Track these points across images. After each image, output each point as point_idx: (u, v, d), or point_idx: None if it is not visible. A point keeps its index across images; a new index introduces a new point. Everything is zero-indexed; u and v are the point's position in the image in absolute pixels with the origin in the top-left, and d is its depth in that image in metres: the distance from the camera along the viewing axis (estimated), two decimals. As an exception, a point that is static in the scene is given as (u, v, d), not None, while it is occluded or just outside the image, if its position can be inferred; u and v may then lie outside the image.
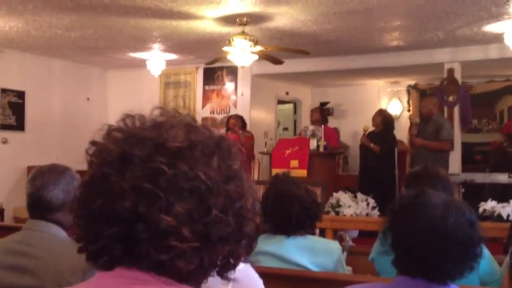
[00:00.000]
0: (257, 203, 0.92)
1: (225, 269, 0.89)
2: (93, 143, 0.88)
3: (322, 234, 5.01)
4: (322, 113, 7.87)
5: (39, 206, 1.87)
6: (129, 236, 0.80)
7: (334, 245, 2.45)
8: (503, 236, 2.80)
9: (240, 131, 7.46)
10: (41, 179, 1.89)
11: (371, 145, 7.08)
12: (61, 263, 1.73)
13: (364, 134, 7.30)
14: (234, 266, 0.90)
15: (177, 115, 0.91)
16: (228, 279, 0.91)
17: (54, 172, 1.91)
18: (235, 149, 0.91)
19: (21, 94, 8.06)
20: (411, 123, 8.03)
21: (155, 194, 0.79)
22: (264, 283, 1.49)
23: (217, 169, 0.85)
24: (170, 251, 0.80)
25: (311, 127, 7.38)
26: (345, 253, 3.02)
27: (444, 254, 1.37)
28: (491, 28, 6.16)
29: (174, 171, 0.81)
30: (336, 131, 8.94)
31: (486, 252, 2.09)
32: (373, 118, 7.32)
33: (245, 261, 1.46)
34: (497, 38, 6.41)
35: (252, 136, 7.63)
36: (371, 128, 7.39)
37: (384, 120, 7.22)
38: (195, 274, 0.84)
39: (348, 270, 2.76)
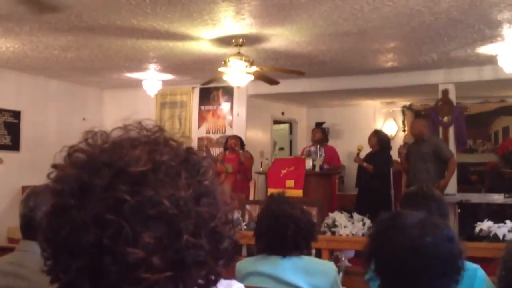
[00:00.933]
0: (235, 215, 0.88)
1: (205, 287, 0.84)
2: (54, 166, 0.83)
3: (318, 254, 4.99)
4: (324, 132, 7.91)
5: (32, 227, 1.86)
6: (97, 269, 0.75)
7: (330, 266, 2.44)
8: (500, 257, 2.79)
9: (241, 151, 7.48)
10: (34, 199, 1.88)
11: (364, 164, 7.15)
12: (53, 284, 1.71)
13: (357, 154, 7.36)
14: (215, 283, 0.86)
15: (142, 130, 0.85)
16: None
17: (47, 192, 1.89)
18: (206, 163, 0.86)
19: (16, 114, 8.06)
20: (404, 142, 8.08)
21: (119, 225, 0.74)
22: (259, 304, 1.47)
23: (186, 188, 0.79)
24: (141, 283, 0.75)
25: (313, 148, 7.36)
26: (341, 273, 3.01)
27: (427, 273, 1.38)
28: (485, 50, 6.22)
29: (138, 198, 0.75)
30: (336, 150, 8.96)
31: (480, 273, 2.08)
32: (369, 139, 7.35)
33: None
34: (491, 60, 6.47)
35: (252, 156, 7.63)
36: (366, 148, 7.42)
37: (380, 141, 7.25)
38: None
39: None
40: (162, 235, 0.76)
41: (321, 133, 7.74)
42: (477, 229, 4.47)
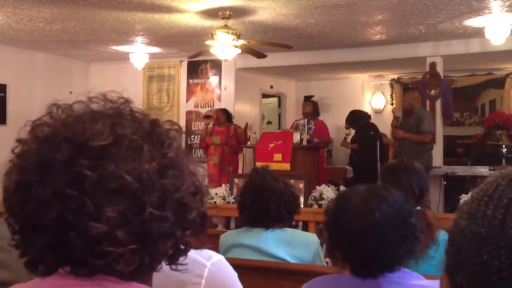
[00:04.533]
0: (203, 187, 0.87)
1: (175, 258, 0.85)
2: (18, 141, 0.82)
3: (305, 226, 5.05)
4: (315, 106, 7.93)
5: None
6: (62, 243, 0.75)
7: (312, 238, 2.48)
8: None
9: (232, 125, 7.46)
10: None
11: (350, 146, 7.81)
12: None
13: (344, 138, 7.97)
14: (185, 252, 0.86)
15: (106, 102, 0.84)
16: (178, 267, 0.87)
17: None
18: (172, 134, 0.85)
19: (2, 88, 7.97)
20: (394, 116, 8.15)
21: (81, 200, 0.74)
22: (242, 275, 1.49)
23: (150, 160, 0.79)
24: (106, 256, 0.75)
25: (301, 121, 7.39)
26: (324, 245, 3.05)
27: (389, 244, 1.38)
28: (472, 22, 6.21)
29: (99, 172, 0.75)
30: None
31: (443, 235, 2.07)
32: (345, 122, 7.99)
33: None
34: (478, 32, 6.48)
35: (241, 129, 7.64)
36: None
37: (351, 122, 7.86)
38: (137, 272, 0.80)
39: (327, 262, 2.79)
40: (125, 208, 0.75)
41: (311, 107, 7.77)
42: (461, 201, 4.53)
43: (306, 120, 7.29)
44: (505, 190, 0.60)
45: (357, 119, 7.81)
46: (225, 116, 7.52)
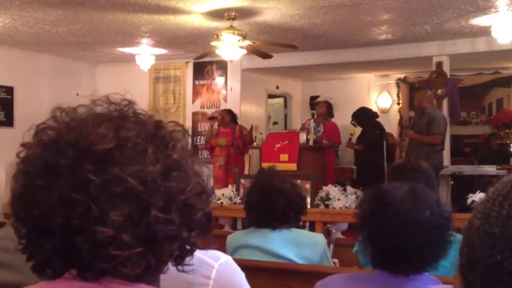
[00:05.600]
0: (208, 187, 0.87)
1: (181, 258, 0.85)
2: (23, 145, 0.82)
3: (312, 227, 5.04)
4: (329, 107, 7.89)
5: None
6: (69, 248, 0.76)
7: (319, 238, 2.47)
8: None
9: (237, 126, 7.42)
10: None
11: (356, 146, 7.61)
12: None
13: (349, 139, 7.74)
14: (191, 252, 0.86)
15: (110, 105, 0.84)
16: (184, 268, 0.87)
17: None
18: (176, 136, 0.86)
19: (9, 90, 8.01)
20: (401, 116, 8.14)
21: (86, 205, 0.74)
22: (249, 276, 1.49)
23: (154, 163, 0.79)
24: (112, 260, 0.76)
25: (312, 123, 7.35)
26: (332, 246, 3.05)
27: (429, 243, 1.38)
28: (479, 21, 6.19)
29: (104, 177, 0.75)
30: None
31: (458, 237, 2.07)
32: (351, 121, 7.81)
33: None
34: (485, 31, 6.44)
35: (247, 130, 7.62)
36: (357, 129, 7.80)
37: (357, 120, 7.72)
38: (145, 274, 0.80)
39: (335, 262, 2.78)
40: (130, 212, 0.76)
41: (325, 108, 7.74)
42: (469, 201, 4.52)
43: (314, 121, 7.28)
44: None
45: (365, 117, 7.68)
46: (230, 117, 7.48)
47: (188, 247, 0.85)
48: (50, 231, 0.76)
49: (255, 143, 7.36)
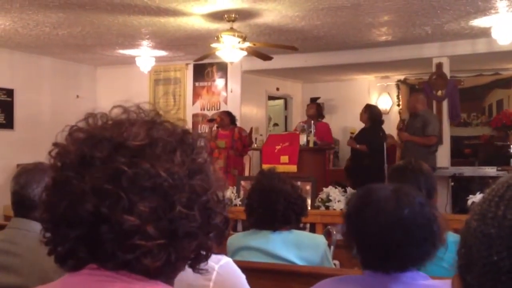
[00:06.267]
0: (226, 195, 0.93)
1: (197, 262, 0.90)
2: (55, 144, 0.88)
3: (312, 228, 5.04)
4: (318, 108, 7.87)
5: (23, 204, 1.88)
6: (94, 237, 0.80)
7: (320, 240, 2.47)
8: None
9: (236, 128, 7.41)
10: (25, 177, 1.89)
11: (358, 146, 7.17)
12: (45, 261, 1.72)
13: (350, 137, 7.41)
14: (206, 258, 0.90)
15: (140, 112, 0.91)
16: (199, 271, 0.91)
17: (38, 170, 1.91)
18: (201, 143, 0.91)
19: (10, 92, 8.01)
20: (400, 118, 8.09)
21: (117, 195, 0.79)
22: (249, 278, 1.49)
23: (181, 164, 0.84)
24: (135, 250, 0.79)
25: (304, 124, 7.37)
26: (332, 247, 3.05)
27: (409, 243, 1.40)
28: (479, 22, 6.19)
29: (135, 170, 0.80)
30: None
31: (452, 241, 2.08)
32: (361, 114, 7.36)
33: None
34: (485, 33, 6.45)
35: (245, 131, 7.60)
36: (358, 128, 7.45)
37: (371, 116, 7.25)
38: (163, 270, 0.84)
39: (335, 264, 2.78)
40: (156, 205, 0.81)
41: (315, 109, 7.71)
42: (469, 202, 4.51)
43: (306, 123, 7.28)
44: None
45: (376, 115, 7.49)
46: (229, 118, 7.45)
47: (203, 252, 0.89)
48: (77, 219, 0.80)
49: (255, 145, 7.36)
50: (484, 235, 0.60)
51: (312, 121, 7.23)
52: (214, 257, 1.33)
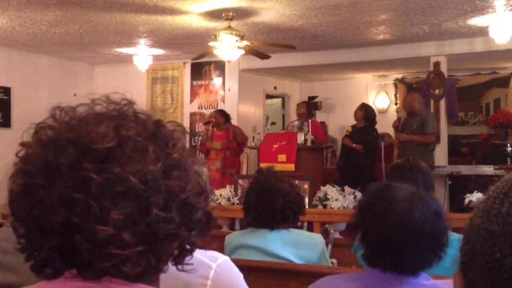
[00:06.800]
0: (207, 187, 0.87)
1: (181, 258, 0.85)
2: (22, 144, 0.82)
3: (310, 227, 5.04)
4: (309, 107, 7.87)
5: None
6: (69, 247, 0.76)
7: (318, 239, 2.47)
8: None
9: (230, 126, 7.44)
10: None
11: (354, 145, 7.13)
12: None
13: (346, 135, 7.36)
14: (190, 252, 0.86)
15: (109, 104, 0.84)
16: (184, 268, 0.86)
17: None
18: (176, 135, 0.85)
19: (7, 91, 8.00)
20: (397, 117, 8.08)
21: (87, 204, 0.74)
22: (247, 277, 1.49)
23: (155, 162, 0.78)
24: (112, 258, 0.75)
25: (296, 122, 7.39)
26: (330, 246, 3.05)
27: (412, 247, 1.39)
28: (476, 21, 6.20)
29: (105, 175, 0.75)
30: (324, 125, 8.96)
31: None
32: (355, 113, 7.36)
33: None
34: (482, 31, 6.45)
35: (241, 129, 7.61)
36: (353, 124, 7.45)
37: (366, 115, 7.25)
38: (144, 274, 0.79)
39: (333, 262, 2.78)
40: (131, 211, 0.75)
41: (305, 108, 7.69)
42: (466, 201, 4.51)
43: (299, 121, 7.28)
44: None
45: (372, 115, 7.48)
46: (224, 117, 7.46)
47: (188, 246, 0.84)
48: (50, 229, 0.76)
49: (253, 143, 7.36)
50: (487, 232, 0.59)
51: (310, 120, 7.23)
52: (211, 255, 1.33)
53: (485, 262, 0.59)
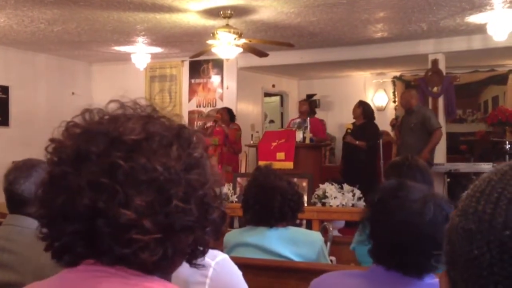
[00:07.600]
0: (223, 190, 0.93)
1: (194, 257, 0.90)
2: (51, 140, 0.87)
3: (309, 225, 5.04)
4: (310, 105, 7.90)
5: (13, 200, 1.88)
6: (90, 232, 0.80)
7: (316, 236, 2.47)
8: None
9: (230, 124, 7.50)
10: (13, 173, 1.89)
11: (357, 142, 7.09)
12: (41, 257, 1.72)
13: (347, 133, 7.33)
14: (203, 253, 0.91)
15: (136, 107, 0.91)
16: (196, 266, 0.91)
17: (26, 166, 1.91)
18: (197, 138, 0.91)
19: (5, 89, 7.98)
20: (395, 115, 8.06)
21: (113, 189, 0.79)
22: (246, 274, 1.49)
23: (177, 158, 0.84)
24: (132, 244, 0.79)
25: (297, 120, 7.40)
26: (328, 243, 3.05)
27: (418, 249, 1.36)
28: (474, 19, 6.20)
29: (131, 164, 0.80)
30: (323, 123, 8.97)
31: None
32: (354, 110, 7.37)
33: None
34: (480, 29, 6.46)
35: (236, 129, 7.64)
36: (352, 122, 7.45)
37: (365, 112, 7.26)
38: (160, 265, 0.84)
39: (332, 260, 2.78)
40: (153, 199, 0.81)
41: (307, 106, 7.71)
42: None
43: (304, 119, 7.28)
44: (496, 185, 0.60)
45: (370, 112, 7.46)
46: (229, 116, 7.56)
47: (200, 247, 0.89)
48: (74, 214, 0.80)
49: (252, 141, 7.36)
50: (465, 230, 0.60)
51: (309, 118, 7.24)
52: (210, 254, 1.33)
53: (464, 261, 0.59)
